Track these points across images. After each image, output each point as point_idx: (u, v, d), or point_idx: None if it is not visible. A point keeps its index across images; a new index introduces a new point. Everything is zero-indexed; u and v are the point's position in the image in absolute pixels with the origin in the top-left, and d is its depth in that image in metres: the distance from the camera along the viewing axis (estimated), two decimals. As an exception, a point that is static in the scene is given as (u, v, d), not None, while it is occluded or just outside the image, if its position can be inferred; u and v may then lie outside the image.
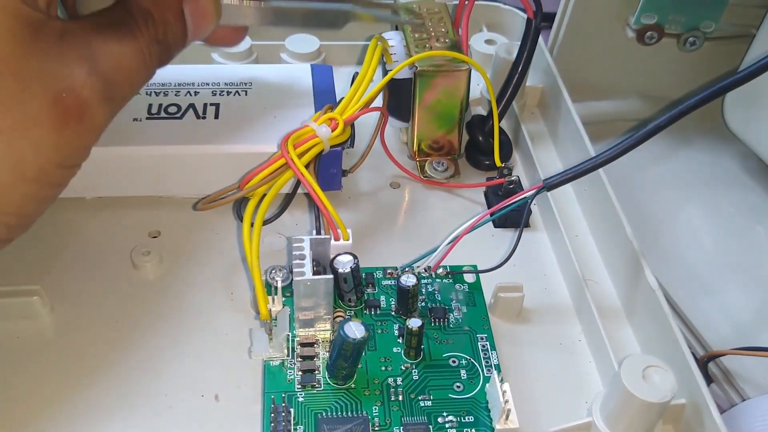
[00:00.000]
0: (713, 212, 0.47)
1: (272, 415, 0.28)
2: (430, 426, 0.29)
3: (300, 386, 0.30)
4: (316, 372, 0.30)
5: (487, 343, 0.32)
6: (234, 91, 0.38)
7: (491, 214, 0.34)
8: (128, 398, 0.30)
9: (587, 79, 0.49)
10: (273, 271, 0.32)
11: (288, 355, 0.31)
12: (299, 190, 0.36)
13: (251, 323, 0.33)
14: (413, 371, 0.31)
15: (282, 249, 0.36)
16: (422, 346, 0.31)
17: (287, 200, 0.36)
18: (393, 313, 0.33)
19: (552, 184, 0.33)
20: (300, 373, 0.30)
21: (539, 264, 0.37)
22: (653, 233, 0.45)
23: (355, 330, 0.28)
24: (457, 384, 0.30)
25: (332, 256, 0.32)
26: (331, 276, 0.30)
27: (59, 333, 0.32)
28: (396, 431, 0.28)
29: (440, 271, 0.34)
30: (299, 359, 0.30)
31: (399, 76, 0.37)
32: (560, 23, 0.48)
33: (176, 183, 0.37)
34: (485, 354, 0.31)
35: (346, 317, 0.32)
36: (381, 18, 0.35)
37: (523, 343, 0.33)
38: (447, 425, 0.29)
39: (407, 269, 0.33)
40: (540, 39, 0.40)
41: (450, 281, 0.34)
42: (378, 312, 0.33)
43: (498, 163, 0.39)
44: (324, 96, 0.38)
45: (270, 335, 0.31)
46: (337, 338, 0.28)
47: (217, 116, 0.37)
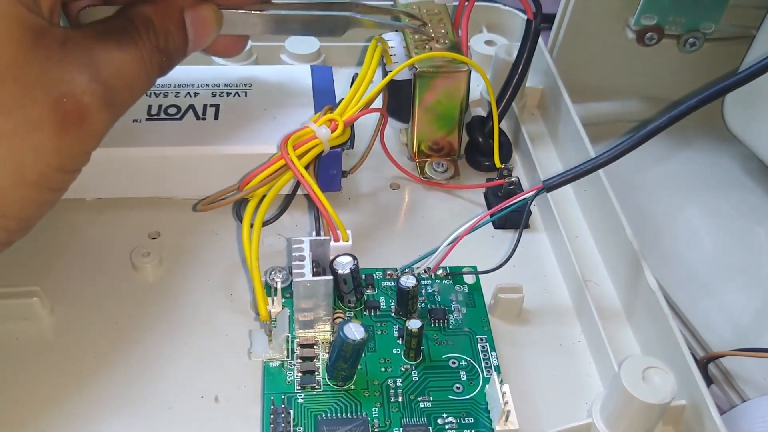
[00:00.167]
0: (713, 213, 0.47)
1: (272, 417, 0.28)
2: (430, 427, 0.29)
3: (300, 387, 0.30)
4: (316, 373, 0.30)
5: (487, 344, 0.32)
6: (234, 92, 0.39)
7: (491, 215, 0.34)
8: (128, 399, 0.30)
9: (587, 80, 0.49)
10: (273, 273, 0.32)
11: (288, 357, 0.31)
12: (299, 191, 0.36)
13: (251, 324, 0.33)
14: (413, 372, 0.30)
15: (282, 250, 0.36)
16: (422, 348, 0.31)
17: (287, 201, 0.36)
18: (393, 314, 0.33)
19: (552, 185, 0.33)
20: (300, 375, 0.30)
21: (539, 265, 0.37)
22: (653, 234, 0.45)
23: (355, 331, 0.28)
24: (457, 385, 0.30)
25: (332, 258, 0.32)
26: (331, 277, 0.30)
27: (59, 334, 0.32)
28: (396, 432, 0.29)
29: (440, 272, 0.34)
30: (299, 360, 0.30)
31: (399, 77, 0.37)
32: (560, 24, 0.48)
33: (176, 184, 0.37)
34: (485, 355, 0.31)
35: (346, 318, 0.32)
36: (381, 24, 0.35)
37: (523, 345, 0.33)
38: (447, 426, 0.29)
39: (407, 270, 0.33)
40: (540, 40, 0.40)
41: (450, 282, 0.34)
42: (378, 313, 0.33)
43: (498, 164, 0.39)
44: (324, 97, 0.38)
45: (270, 336, 0.31)
46: (337, 339, 0.28)
47: (217, 117, 0.37)
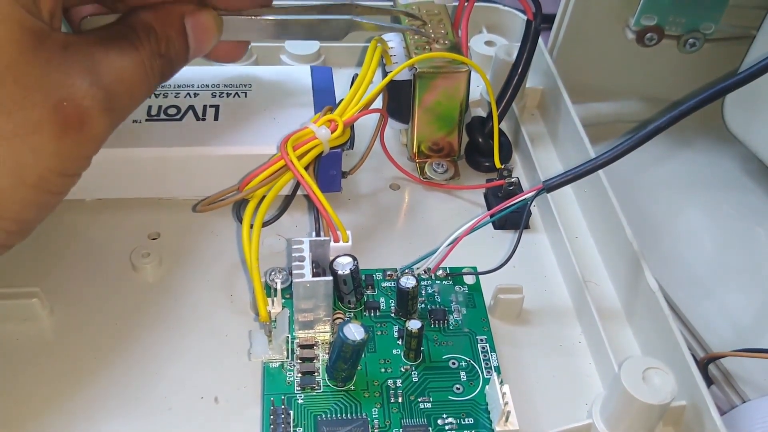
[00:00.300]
0: (713, 214, 0.47)
1: (272, 417, 0.28)
2: (430, 428, 0.29)
3: (299, 388, 0.30)
4: (316, 374, 0.30)
5: (487, 345, 0.32)
6: (234, 93, 0.38)
7: (491, 216, 0.34)
8: (128, 400, 0.30)
9: (587, 81, 0.49)
10: (272, 273, 0.32)
11: (287, 357, 0.31)
12: (299, 192, 0.36)
13: (251, 325, 0.33)
14: (413, 373, 0.30)
15: (281, 251, 0.36)
16: (422, 348, 0.31)
17: (287, 202, 0.36)
18: (393, 315, 0.33)
19: (552, 186, 0.33)
20: (299, 375, 0.30)
21: (539, 265, 0.37)
22: (653, 235, 0.45)
23: (355, 332, 0.28)
24: (457, 386, 0.30)
25: (332, 258, 0.32)
26: (331, 278, 0.30)
27: (59, 335, 0.32)
28: (396, 433, 0.28)
29: (440, 273, 0.34)
30: (299, 361, 0.30)
31: (399, 78, 0.37)
32: (560, 25, 0.48)
33: (176, 185, 0.37)
34: (485, 356, 0.31)
35: (346, 319, 0.32)
36: (381, 27, 0.35)
37: (523, 345, 0.33)
38: (447, 427, 0.29)
39: (407, 271, 0.33)
40: (540, 40, 0.40)
41: (450, 283, 0.34)
42: (377, 314, 0.33)
43: (498, 165, 0.39)
44: (323, 97, 0.38)
45: (269, 337, 0.31)
46: (337, 340, 0.28)
47: (217, 118, 0.37)
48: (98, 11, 0.30)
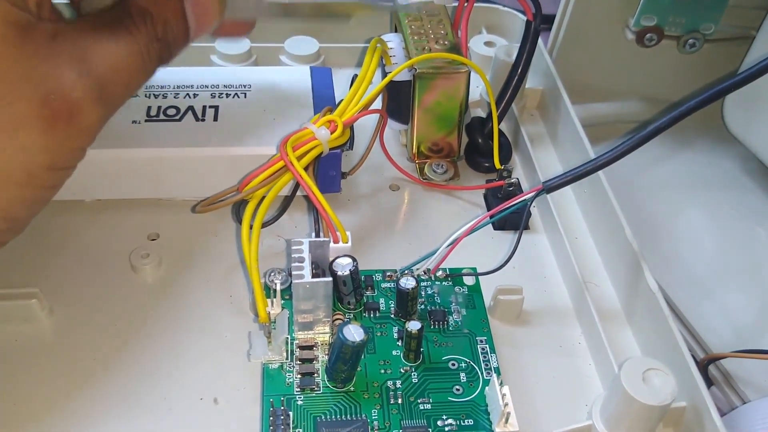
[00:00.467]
0: (713, 214, 0.47)
1: (271, 419, 0.28)
2: (430, 429, 0.29)
3: (299, 389, 0.30)
4: (315, 375, 0.30)
5: (487, 346, 0.32)
6: (233, 94, 0.38)
7: (491, 217, 0.34)
8: (127, 401, 0.30)
9: (587, 81, 0.49)
10: (272, 274, 0.32)
11: (287, 358, 0.31)
12: (298, 193, 0.36)
13: (250, 326, 0.32)
14: (412, 374, 0.30)
15: (281, 251, 0.36)
16: (422, 349, 0.31)
17: (286, 202, 0.36)
18: (392, 316, 0.33)
19: (552, 187, 0.33)
20: (299, 376, 0.30)
21: (539, 266, 0.36)
22: (653, 235, 0.45)
23: (354, 333, 0.28)
24: (457, 387, 0.30)
25: (331, 259, 0.32)
26: (330, 279, 0.30)
27: (58, 335, 0.32)
28: (395, 434, 0.28)
29: (440, 274, 0.34)
30: (298, 362, 0.30)
31: (398, 78, 0.37)
32: (560, 25, 0.48)
33: (175, 185, 0.37)
34: (485, 357, 0.31)
35: (345, 320, 0.32)
36: (379, 5, 0.34)
37: (523, 346, 0.33)
38: (446, 428, 0.29)
39: (406, 272, 0.33)
40: (539, 41, 0.40)
41: (449, 284, 0.34)
42: (377, 315, 0.33)
43: (497, 166, 0.39)
44: (323, 98, 0.38)
45: (269, 338, 0.31)
46: (336, 341, 0.28)
47: (216, 118, 0.37)
48: None
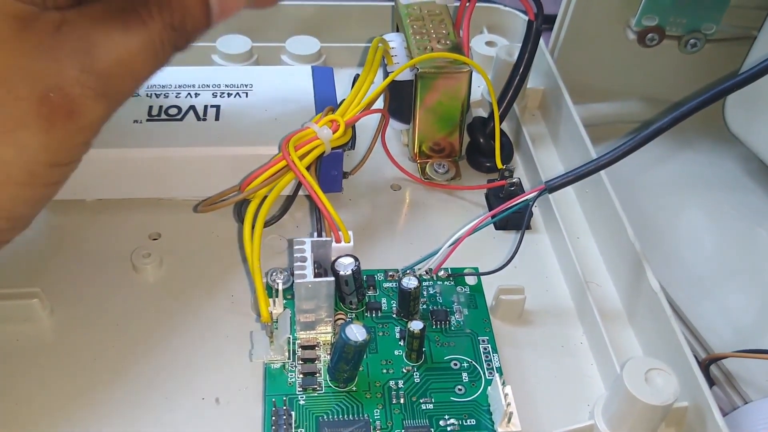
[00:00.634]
0: (715, 214, 0.47)
1: (273, 418, 0.28)
2: (432, 429, 0.29)
3: (301, 389, 0.29)
4: (317, 375, 0.30)
5: (489, 346, 0.32)
6: (235, 93, 0.38)
7: (492, 217, 0.34)
8: (128, 401, 0.30)
9: (588, 81, 0.49)
10: (274, 274, 0.32)
11: (289, 358, 0.31)
12: (300, 192, 0.36)
13: (252, 326, 0.32)
14: (415, 374, 0.30)
15: (283, 251, 0.36)
16: (424, 349, 0.31)
17: (288, 202, 0.36)
18: (394, 316, 0.33)
19: (553, 186, 0.33)
20: (301, 376, 0.30)
21: (541, 266, 0.36)
22: (655, 235, 0.45)
23: (357, 333, 0.28)
24: (459, 387, 0.30)
25: (333, 259, 0.32)
26: (333, 278, 0.30)
27: (59, 335, 0.32)
28: (397, 434, 0.28)
29: (441, 274, 0.34)
30: (300, 362, 0.30)
31: (400, 78, 0.37)
32: (561, 25, 0.48)
33: (177, 185, 0.37)
34: (487, 356, 0.31)
35: (348, 320, 0.32)
36: None
37: (525, 346, 0.33)
38: (449, 428, 0.29)
39: (408, 271, 0.33)
40: (541, 41, 0.40)
41: (451, 283, 0.34)
42: (379, 314, 0.33)
43: (499, 165, 0.39)
44: (325, 98, 0.38)
45: (271, 338, 0.31)
46: (339, 341, 0.28)
47: (218, 118, 0.37)
48: None
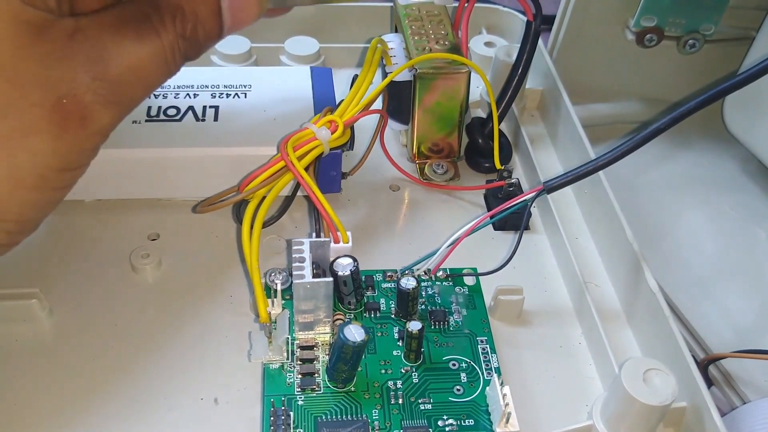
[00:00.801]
0: (714, 215, 0.47)
1: (272, 419, 0.28)
2: (430, 429, 0.29)
3: (300, 389, 0.29)
4: (316, 375, 0.30)
5: (487, 346, 0.32)
6: (233, 94, 0.38)
7: (491, 217, 0.34)
8: (127, 401, 0.30)
9: (587, 82, 0.49)
10: (272, 274, 0.32)
11: (287, 359, 0.31)
12: (299, 193, 0.36)
13: (250, 326, 0.32)
14: (413, 374, 0.30)
15: (281, 252, 0.36)
16: (422, 349, 0.31)
17: (287, 203, 0.36)
18: (393, 316, 0.33)
19: (552, 187, 0.33)
20: (299, 377, 0.30)
21: (539, 267, 0.36)
22: (653, 236, 0.45)
23: (355, 333, 0.28)
24: (457, 387, 0.30)
25: (332, 259, 0.32)
26: (331, 279, 0.30)
27: (58, 336, 0.32)
28: (396, 434, 0.28)
29: (440, 274, 0.34)
30: (299, 362, 0.30)
31: (399, 79, 0.37)
32: (560, 26, 0.48)
33: (175, 185, 0.37)
34: (485, 357, 0.31)
35: (346, 320, 0.32)
36: None
37: (524, 346, 0.33)
38: (447, 428, 0.29)
39: (407, 272, 0.33)
40: (540, 41, 0.40)
41: (450, 284, 0.34)
42: (378, 315, 0.33)
43: (498, 166, 0.39)
44: (323, 98, 0.38)
45: (269, 338, 0.31)
46: (337, 341, 0.28)
47: (217, 118, 0.37)
48: None
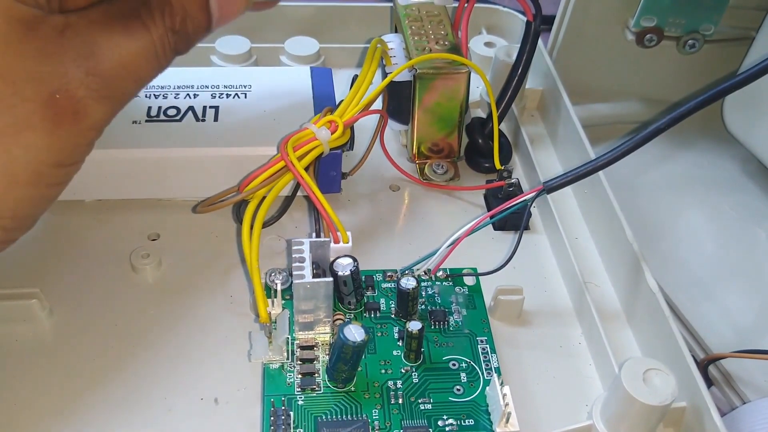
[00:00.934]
0: (713, 215, 0.47)
1: (272, 419, 0.28)
2: (430, 429, 0.29)
3: (300, 389, 0.30)
4: (316, 375, 0.30)
5: (487, 346, 0.32)
6: (233, 94, 0.38)
7: (491, 217, 0.34)
8: (127, 401, 0.30)
9: (587, 82, 0.49)
10: (272, 274, 0.32)
11: (288, 358, 0.31)
12: (299, 193, 0.36)
13: (251, 326, 0.32)
14: (413, 374, 0.30)
15: (281, 252, 0.36)
16: (422, 349, 0.31)
17: (287, 203, 0.36)
18: (393, 316, 0.33)
19: (552, 187, 0.33)
20: (300, 377, 0.30)
21: (539, 267, 0.36)
22: (653, 236, 0.45)
23: (355, 333, 0.28)
24: (457, 387, 0.30)
25: (332, 259, 0.32)
26: (331, 279, 0.30)
27: (58, 336, 0.32)
28: (396, 434, 0.28)
29: (440, 274, 0.34)
30: (299, 362, 0.30)
31: (398, 79, 0.37)
32: (560, 26, 0.48)
33: (175, 186, 0.37)
34: (485, 357, 0.31)
35: (346, 320, 0.32)
36: None
37: (524, 346, 0.33)
38: (447, 428, 0.29)
39: (407, 272, 0.33)
40: (539, 41, 0.40)
41: (450, 284, 0.34)
42: (378, 315, 0.33)
43: (498, 166, 0.39)
44: (323, 99, 0.38)
45: (269, 338, 0.31)
46: (337, 341, 0.28)
47: (217, 119, 0.37)
48: None
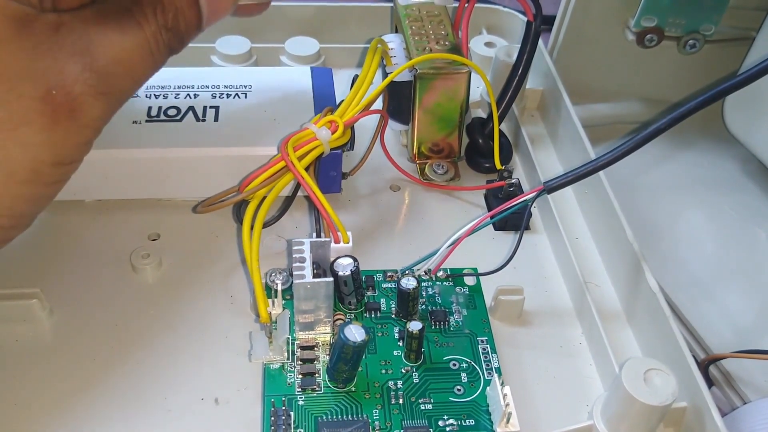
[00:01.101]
0: (714, 215, 0.47)
1: (272, 419, 0.28)
2: (431, 429, 0.29)
3: (300, 389, 0.30)
4: (317, 375, 0.30)
5: (488, 346, 0.32)
6: (234, 94, 0.38)
7: (491, 217, 0.34)
8: (127, 401, 0.30)
9: (587, 82, 0.49)
10: (273, 274, 0.32)
11: (288, 359, 0.31)
12: (299, 193, 0.36)
13: (251, 326, 0.32)
14: (414, 374, 0.30)
15: (282, 252, 0.36)
16: (423, 349, 0.31)
17: (287, 203, 0.36)
18: (393, 316, 0.33)
19: (552, 187, 0.33)
20: (300, 377, 0.30)
21: (540, 267, 0.36)
22: (654, 236, 0.45)
23: (356, 333, 0.28)
24: (458, 387, 0.30)
25: (332, 259, 0.32)
26: (331, 279, 0.30)
27: (58, 336, 0.32)
28: (396, 435, 0.28)
29: (440, 274, 0.34)
30: (299, 362, 0.30)
31: (399, 79, 0.37)
32: (560, 26, 0.48)
33: (176, 186, 0.37)
34: (486, 357, 0.31)
35: (347, 320, 0.32)
36: None
37: (524, 346, 0.33)
38: (448, 428, 0.29)
39: (407, 272, 0.33)
40: (540, 41, 0.40)
41: (450, 284, 0.34)
42: (378, 315, 0.33)
43: (498, 166, 0.39)
44: (324, 99, 0.38)
45: (270, 338, 0.31)
46: (338, 341, 0.28)
47: (217, 119, 0.37)
48: None
